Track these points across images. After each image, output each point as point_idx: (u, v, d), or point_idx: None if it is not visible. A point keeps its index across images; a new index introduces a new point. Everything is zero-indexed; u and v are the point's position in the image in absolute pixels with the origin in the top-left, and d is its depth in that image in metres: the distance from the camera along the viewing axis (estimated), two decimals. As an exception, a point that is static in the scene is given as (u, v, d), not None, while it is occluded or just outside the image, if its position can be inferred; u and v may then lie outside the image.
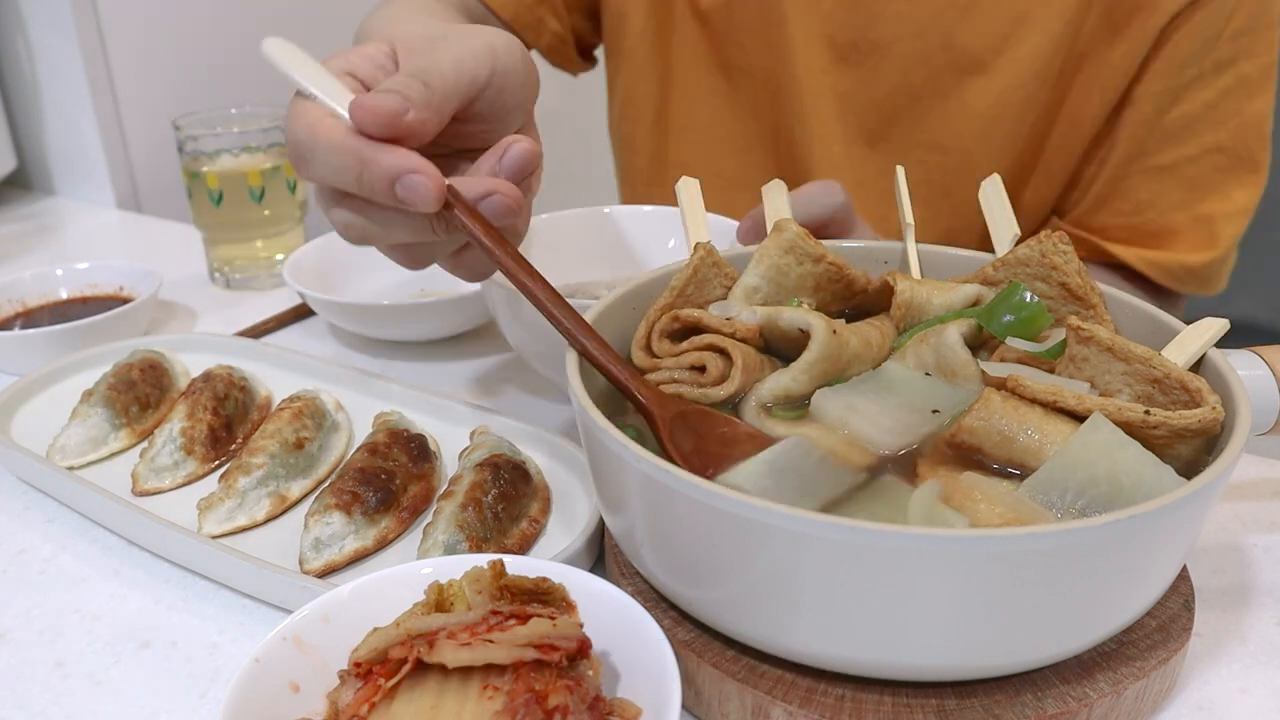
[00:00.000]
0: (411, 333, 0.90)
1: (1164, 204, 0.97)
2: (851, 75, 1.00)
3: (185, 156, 1.05)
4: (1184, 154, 0.95)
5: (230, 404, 0.74)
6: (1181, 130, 0.94)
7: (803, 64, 1.00)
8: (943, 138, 1.00)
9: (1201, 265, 0.98)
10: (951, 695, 0.47)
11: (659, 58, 1.09)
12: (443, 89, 0.54)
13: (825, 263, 0.61)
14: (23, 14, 1.33)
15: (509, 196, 0.54)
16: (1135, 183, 0.97)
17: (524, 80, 0.60)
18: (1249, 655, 0.55)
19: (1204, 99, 0.93)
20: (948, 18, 0.95)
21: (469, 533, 0.59)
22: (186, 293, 1.07)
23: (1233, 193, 0.96)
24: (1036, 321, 0.57)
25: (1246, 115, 0.94)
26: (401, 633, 0.44)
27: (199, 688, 0.53)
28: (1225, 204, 0.96)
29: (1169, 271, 0.98)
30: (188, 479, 0.70)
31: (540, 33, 1.07)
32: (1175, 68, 0.92)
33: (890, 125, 1.01)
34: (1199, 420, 0.47)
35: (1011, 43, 0.94)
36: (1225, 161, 0.95)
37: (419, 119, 0.52)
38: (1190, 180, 0.96)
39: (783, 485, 0.48)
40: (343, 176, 0.53)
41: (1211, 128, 0.94)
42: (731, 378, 0.56)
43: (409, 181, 0.51)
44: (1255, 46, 0.92)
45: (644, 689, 0.45)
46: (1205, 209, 0.96)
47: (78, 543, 0.65)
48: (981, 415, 0.50)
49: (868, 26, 0.97)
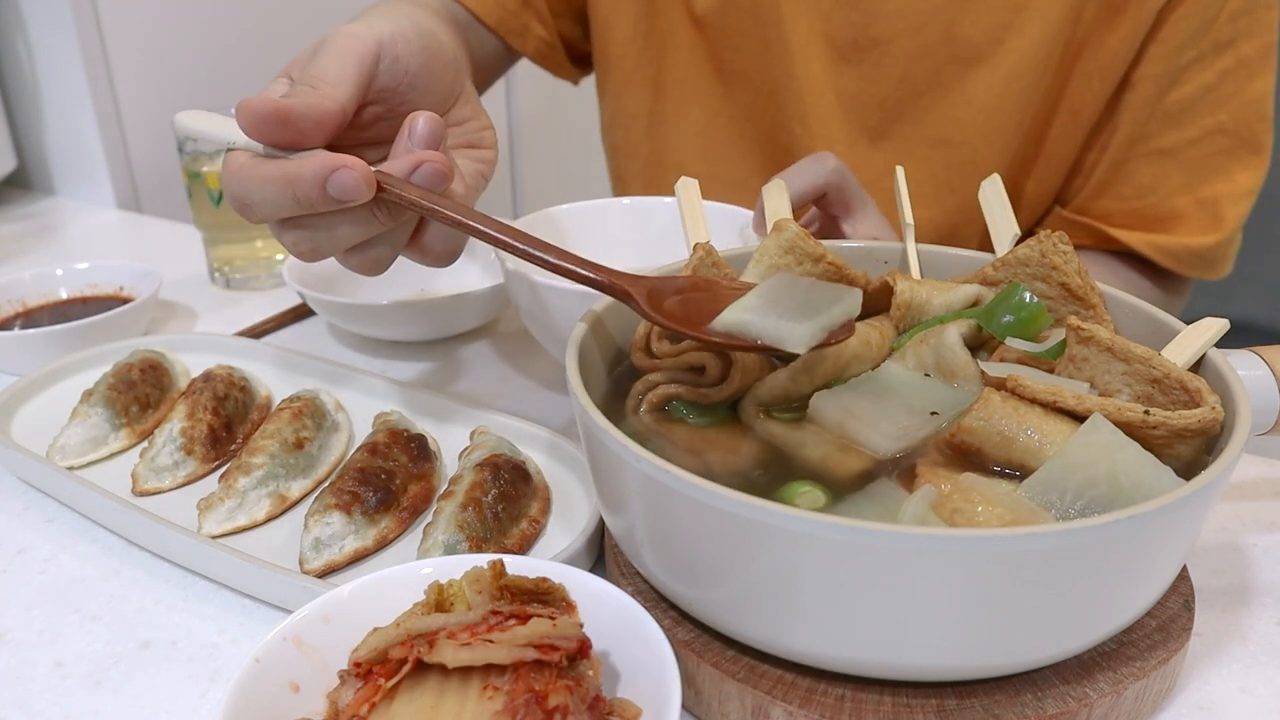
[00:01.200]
0: (411, 333, 0.90)
1: (1167, 188, 0.97)
2: (852, 73, 1.00)
3: (185, 156, 1.05)
4: (1185, 136, 0.95)
5: (230, 404, 0.74)
6: (1181, 113, 0.94)
7: (802, 65, 1.00)
8: (946, 132, 0.99)
9: (1207, 248, 0.98)
10: (951, 695, 0.47)
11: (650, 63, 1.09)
12: (328, 77, 0.57)
13: (825, 263, 0.61)
14: (23, 14, 1.33)
15: (437, 162, 0.55)
16: (1136, 167, 0.97)
17: (424, 50, 0.62)
18: (1249, 655, 0.55)
19: (1203, 80, 0.93)
20: (948, 10, 0.95)
21: (469, 533, 0.59)
22: (186, 293, 1.07)
23: (1236, 174, 0.96)
24: (1036, 322, 0.57)
25: (1247, 96, 0.94)
26: (401, 633, 0.44)
27: (199, 688, 0.53)
28: (1229, 186, 0.96)
29: (1174, 255, 0.98)
30: (188, 479, 0.70)
31: (526, 38, 1.07)
32: (1173, 50, 0.92)
33: (893, 122, 1.01)
34: (1198, 420, 0.47)
35: (1012, 32, 0.94)
36: (1227, 143, 0.95)
37: (306, 103, 0.55)
38: (1192, 163, 0.95)
39: (782, 308, 0.48)
40: (281, 201, 0.54)
41: (1212, 109, 0.94)
42: (730, 379, 0.56)
43: (337, 179, 0.53)
44: (1254, 27, 0.92)
45: (644, 689, 0.45)
46: (1209, 191, 0.96)
47: (78, 543, 0.65)
48: (981, 415, 0.50)
49: (868, 23, 0.97)
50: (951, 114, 0.99)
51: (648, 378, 0.58)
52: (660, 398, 0.57)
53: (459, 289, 0.97)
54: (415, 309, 0.87)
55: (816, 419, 0.55)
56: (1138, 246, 0.99)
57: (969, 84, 0.97)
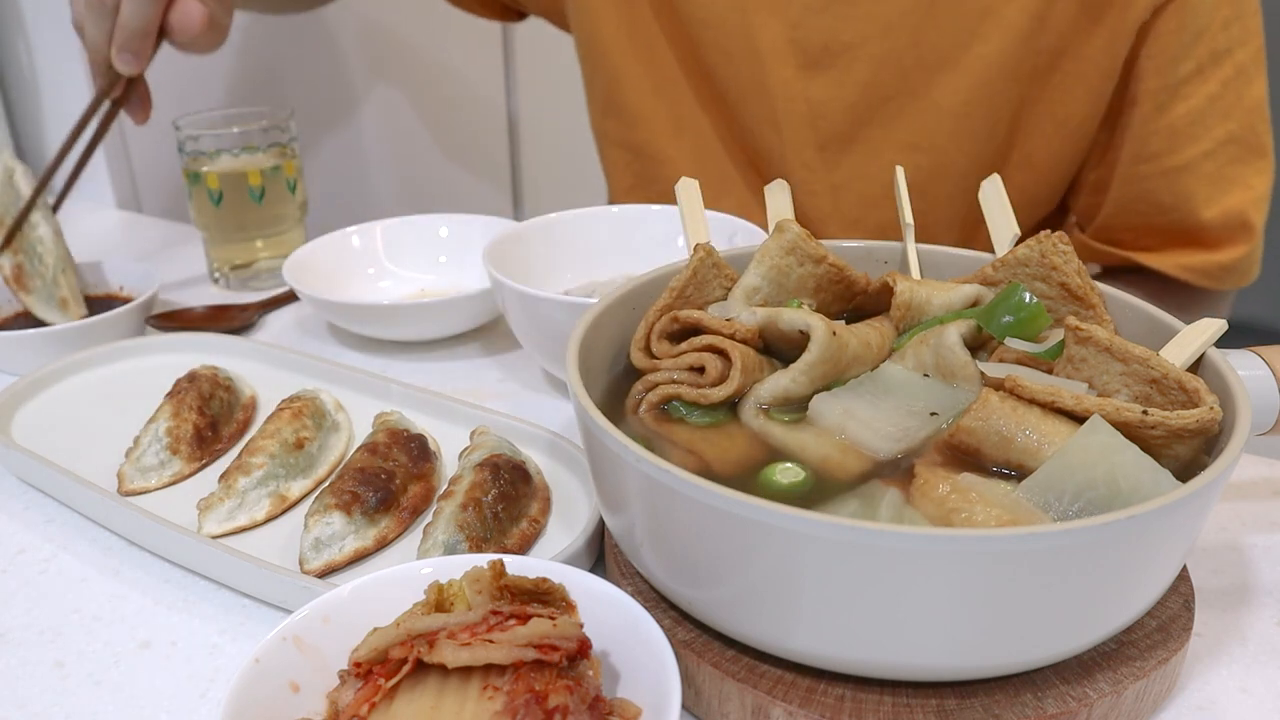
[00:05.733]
0: (411, 333, 0.90)
1: (1191, 204, 0.97)
2: (822, 79, 1.00)
3: (185, 156, 1.05)
4: (1200, 150, 0.95)
5: (215, 404, 0.75)
6: (1191, 126, 0.94)
7: (773, 72, 1.01)
8: (915, 137, 1.00)
9: (1240, 260, 0.98)
10: (951, 695, 0.47)
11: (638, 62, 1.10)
12: None
13: (826, 264, 0.61)
14: (23, 14, 1.33)
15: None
16: (1154, 185, 0.97)
17: None
18: (1249, 655, 0.55)
19: (1207, 92, 0.93)
20: (914, 15, 0.95)
21: (469, 533, 0.59)
22: (186, 293, 1.07)
23: (1252, 180, 0.96)
24: (1035, 322, 0.57)
25: (1249, 101, 0.94)
26: (401, 633, 0.44)
27: (199, 688, 0.53)
28: (1249, 192, 0.96)
29: (1207, 274, 0.99)
30: (174, 479, 0.70)
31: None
32: (1167, 64, 0.92)
33: (862, 127, 1.01)
34: (1196, 420, 0.47)
35: (978, 39, 0.94)
36: (1239, 151, 0.95)
37: None
38: (1209, 176, 0.96)
39: None
40: None
41: (1221, 119, 0.94)
42: (730, 379, 0.56)
43: None
44: (1245, 33, 0.93)
45: (644, 689, 0.45)
46: (1232, 202, 0.96)
47: (78, 543, 0.65)
48: (980, 415, 0.50)
49: (837, 29, 0.98)
50: (920, 120, 0.99)
51: (648, 378, 0.58)
52: (660, 398, 0.57)
53: (458, 289, 0.97)
54: (415, 309, 0.87)
55: (816, 420, 0.55)
56: (1170, 271, 0.99)
57: (937, 90, 0.97)
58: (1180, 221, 0.98)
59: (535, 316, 0.74)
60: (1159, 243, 1.00)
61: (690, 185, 0.68)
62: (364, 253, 1.01)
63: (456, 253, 1.01)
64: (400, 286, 1.00)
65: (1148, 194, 0.98)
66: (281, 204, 1.07)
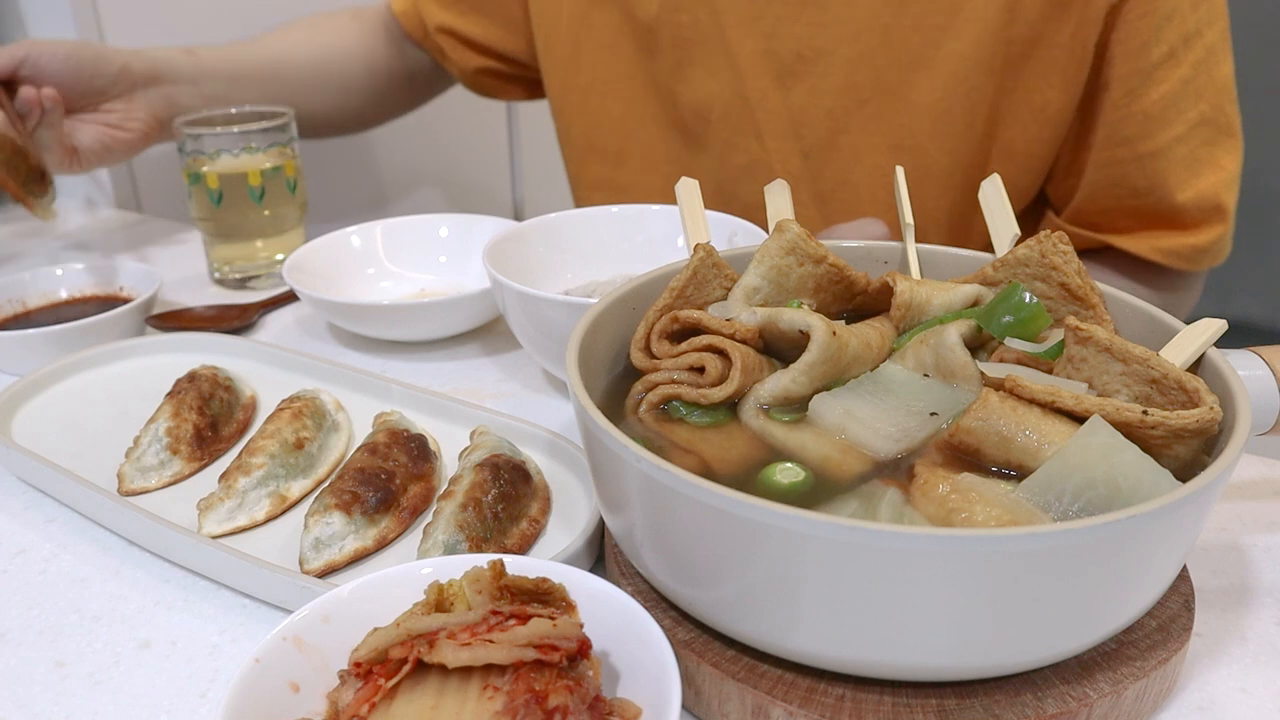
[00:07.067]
0: (411, 333, 0.90)
1: (1164, 188, 0.97)
2: (800, 87, 1.01)
3: (185, 156, 1.05)
4: (1173, 134, 0.96)
5: (215, 404, 0.75)
6: (1165, 111, 0.95)
7: (752, 84, 1.01)
8: (895, 137, 1.00)
9: (1211, 242, 0.99)
10: (951, 695, 0.47)
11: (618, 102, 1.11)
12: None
13: (826, 264, 0.61)
14: (23, 14, 1.33)
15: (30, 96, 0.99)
16: (1127, 170, 0.98)
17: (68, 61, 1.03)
18: (1249, 655, 0.55)
19: (1180, 76, 0.94)
20: (884, 14, 0.95)
21: (469, 533, 0.59)
22: (186, 293, 1.07)
23: (1223, 160, 0.97)
24: (1035, 322, 0.57)
25: (1219, 81, 0.95)
26: (401, 633, 0.44)
27: (199, 688, 0.53)
28: (1221, 174, 0.97)
29: (1182, 256, 0.99)
30: (174, 478, 0.70)
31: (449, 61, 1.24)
32: (1138, 49, 0.93)
33: (842, 132, 1.02)
34: (1196, 420, 0.47)
35: (950, 35, 0.95)
36: (1210, 133, 0.96)
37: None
38: (1183, 159, 0.96)
39: None
40: None
41: (1193, 102, 0.95)
42: (730, 379, 0.56)
43: None
44: (1213, 13, 0.93)
45: (644, 689, 0.45)
46: (1205, 184, 0.97)
47: (78, 543, 0.65)
48: (979, 415, 0.50)
49: (811, 35, 0.98)
50: (899, 120, 0.99)
51: (648, 378, 0.58)
52: (660, 398, 0.57)
53: (458, 289, 0.97)
54: (415, 309, 0.87)
55: (816, 420, 0.55)
56: (1145, 254, 0.99)
57: (912, 88, 0.97)
58: (1155, 205, 0.98)
59: (535, 316, 0.74)
60: (1133, 225, 1.01)
61: (690, 185, 0.68)
62: (364, 253, 1.01)
63: (456, 253, 1.01)
64: (400, 286, 1.00)
65: (1122, 178, 0.98)
66: (281, 204, 1.07)
